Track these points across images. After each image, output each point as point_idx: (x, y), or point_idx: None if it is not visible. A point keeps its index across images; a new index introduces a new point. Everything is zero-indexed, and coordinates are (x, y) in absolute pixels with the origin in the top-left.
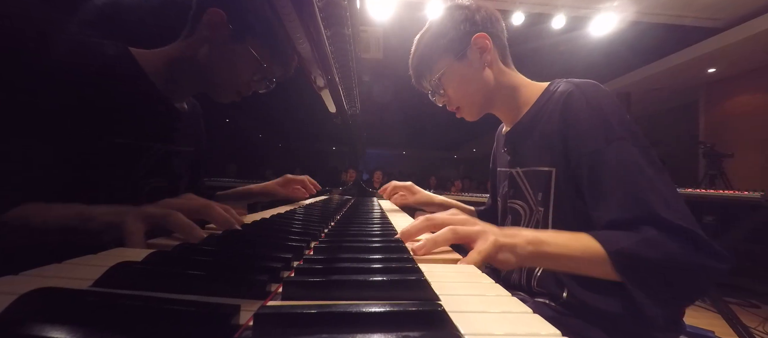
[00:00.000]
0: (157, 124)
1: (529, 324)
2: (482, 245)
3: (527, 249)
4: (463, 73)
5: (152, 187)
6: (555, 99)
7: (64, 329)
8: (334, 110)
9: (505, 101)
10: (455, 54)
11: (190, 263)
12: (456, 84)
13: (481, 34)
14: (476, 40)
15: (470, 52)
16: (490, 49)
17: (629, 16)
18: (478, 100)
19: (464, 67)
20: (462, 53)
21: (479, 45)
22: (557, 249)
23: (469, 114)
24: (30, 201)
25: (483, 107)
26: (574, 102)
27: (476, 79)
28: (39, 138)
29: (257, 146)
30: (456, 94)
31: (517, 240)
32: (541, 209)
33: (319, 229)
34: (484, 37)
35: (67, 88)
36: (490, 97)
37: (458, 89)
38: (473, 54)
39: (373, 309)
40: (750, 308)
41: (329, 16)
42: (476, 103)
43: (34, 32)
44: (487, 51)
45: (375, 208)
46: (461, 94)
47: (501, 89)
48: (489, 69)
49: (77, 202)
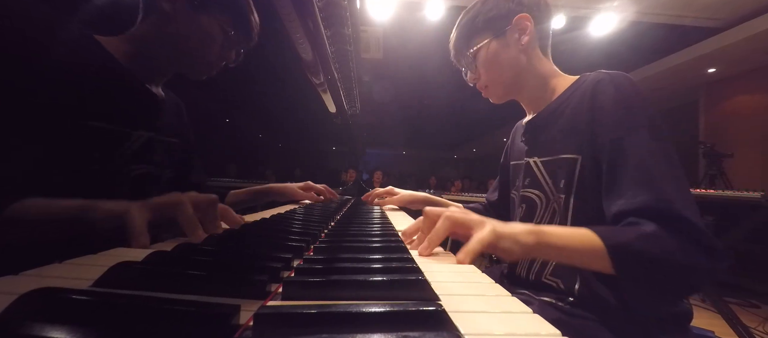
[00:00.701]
0: (133, 107)
1: (529, 324)
2: (481, 233)
3: (529, 239)
4: (497, 52)
5: (137, 174)
6: (584, 88)
7: (64, 329)
8: (334, 110)
9: (533, 89)
10: (494, 31)
11: (190, 263)
12: (489, 62)
13: (523, 15)
14: (518, 20)
15: (510, 31)
16: (529, 31)
17: (629, 16)
18: (508, 82)
19: (500, 46)
20: (501, 31)
21: (520, 26)
22: (558, 239)
23: (495, 94)
24: (11, 194)
25: (510, 90)
26: (603, 88)
27: (509, 60)
28: (13, 130)
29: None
30: (487, 72)
31: (517, 229)
32: (561, 196)
33: (319, 229)
34: (526, 19)
35: (34, 78)
36: (520, 81)
37: (490, 67)
38: (512, 34)
39: (373, 309)
40: (750, 308)
41: (329, 16)
42: (505, 85)
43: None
44: (526, 33)
45: (375, 208)
46: (492, 73)
47: (531, 76)
48: (524, 53)
49: (60, 192)
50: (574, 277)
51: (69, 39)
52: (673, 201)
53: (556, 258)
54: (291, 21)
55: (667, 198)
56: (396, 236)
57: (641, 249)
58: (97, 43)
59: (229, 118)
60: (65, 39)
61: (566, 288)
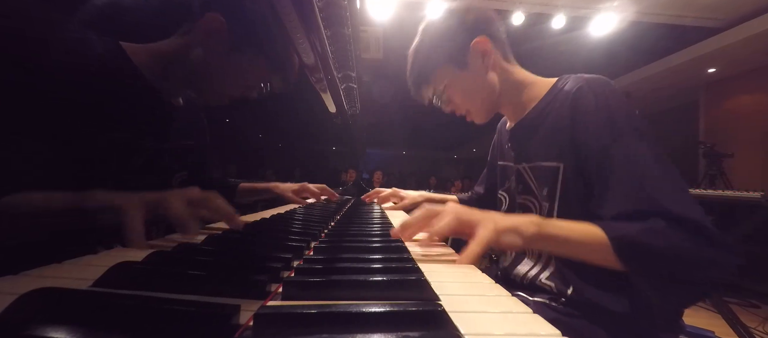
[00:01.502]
0: (149, 120)
1: (529, 324)
2: (483, 233)
3: (531, 229)
4: (467, 81)
5: (144, 184)
6: (563, 95)
7: (64, 329)
8: (334, 110)
9: (511, 99)
10: (457, 64)
11: (190, 263)
12: (462, 92)
13: (479, 39)
14: (476, 45)
15: (471, 58)
16: (491, 51)
17: (629, 16)
18: (487, 104)
19: (468, 75)
20: (463, 62)
21: (480, 49)
22: (561, 231)
23: (479, 118)
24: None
25: (492, 110)
26: (583, 98)
27: (482, 85)
28: (28, 134)
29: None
30: (463, 102)
31: (519, 220)
32: (545, 204)
33: (319, 229)
34: (483, 42)
35: (56, 85)
36: (498, 98)
37: (465, 97)
38: (475, 60)
39: (373, 309)
40: (750, 308)
41: (329, 16)
42: (485, 107)
43: (24, 29)
44: (488, 54)
45: (375, 208)
46: (469, 102)
47: (507, 88)
48: (492, 71)
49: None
50: (567, 284)
51: (93, 48)
52: (668, 202)
53: (557, 249)
54: (291, 21)
55: (662, 200)
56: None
57: (645, 241)
58: (121, 51)
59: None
60: (87, 43)
61: (559, 292)
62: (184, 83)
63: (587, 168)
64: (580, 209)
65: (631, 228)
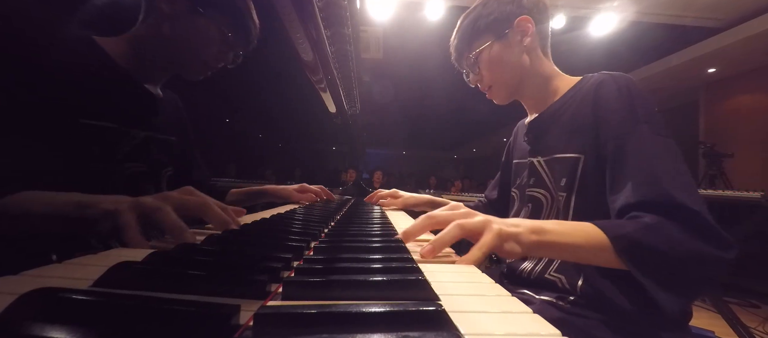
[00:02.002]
0: (130, 107)
1: (529, 324)
2: (486, 238)
3: (531, 238)
4: (500, 54)
5: (131, 172)
6: (587, 88)
7: (64, 329)
8: (334, 110)
9: (536, 89)
10: (496, 33)
11: (190, 263)
12: (492, 64)
13: (524, 17)
14: (519, 23)
15: (511, 33)
16: (531, 33)
17: (629, 16)
18: (512, 83)
19: (502, 48)
20: (502, 33)
21: (521, 28)
22: (560, 237)
23: (499, 96)
24: (6, 190)
25: (514, 91)
26: (606, 88)
27: (512, 62)
28: (10, 128)
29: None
30: (490, 73)
31: (520, 229)
32: (562, 195)
33: (319, 229)
34: (527, 20)
35: (31, 77)
36: (523, 82)
37: (493, 69)
38: (514, 36)
39: (373, 309)
40: (750, 308)
41: (329, 16)
42: (509, 86)
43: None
44: (527, 35)
45: (375, 208)
46: (495, 75)
47: (534, 76)
48: (526, 54)
49: (55, 189)
50: (578, 274)
51: (67, 39)
52: (673, 193)
53: (559, 255)
54: (291, 21)
55: (668, 190)
56: (396, 236)
57: (643, 239)
58: (95, 43)
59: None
60: (63, 39)
61: (570, 285)
62: (161, 63)
63: (605, 156)
64: (596, 199)
65: (629, 226)
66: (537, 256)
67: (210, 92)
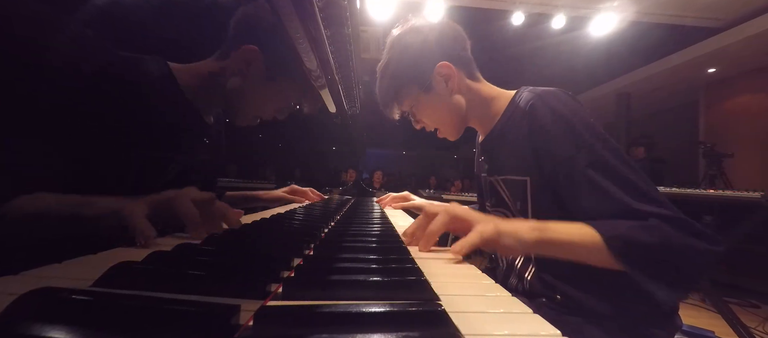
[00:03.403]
0: (186, 138)
1: (529, 324)
2: (483, 227)
3: (531, 235)
4: (432, 103)
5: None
6: (520, 109)
7: (64, 329)
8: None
9: (479, 114)
10: (420, 86)
11: (190, 263)
12: (428, 113)
13: (442, 64)
14: (439, 70)
15: (435, 82)
16: (454, 74)
17: (629, 16)
18: (455, 123)
19: (432, 98)
20: (427, 85)
21: (443, 74)
22: (559, 235)
23: (449, 135)
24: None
25: (460, 127)
26: (538, 113)
27: (447, 106)
28: (67, 144)
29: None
30: (431, 121)
31: (519, 226)
32: (520, 218)
33: (319, 229)
34: (445, 66)
35: (106, 101)
36: (465, 116)
37: (432, 117)
38: (439, 84)
39: (373, 309)
40: (750, 308)
41: (329, 16)
42: (453, 126)
43: (78, 46)
44: (452, 78)
45: (375, 208)
46: (436, 121)
47: (474, 106)
48: (457, 94)
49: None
50: (551, 289)
51: (146, 69)
52: (642, 204)
53: (558, 254)
54: (291, 21)
55: (637, 203)
56: (396, 236)
57: (637, 237)
58: (170, 73)
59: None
60: (141, 67)
61: (547, 298)
62: (218, 104)
63: (554, 180)
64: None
65: (622, 225)
66: (536, 253)
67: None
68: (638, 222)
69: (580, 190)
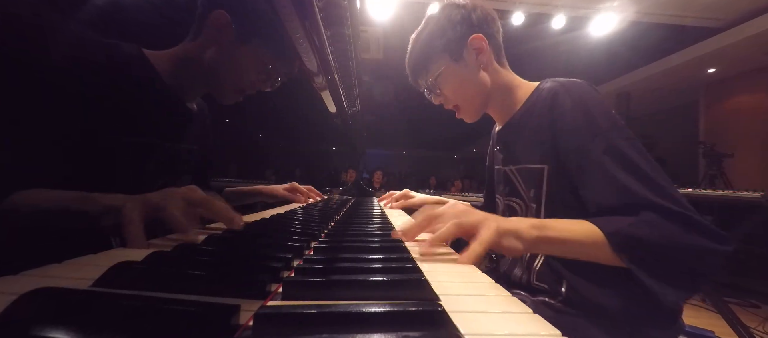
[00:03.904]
0: (169, 123)
1: (529, 324)
2: (485, 234)
3: (532, 233)
4: (460, 75)
5: (160, 185)
6: (543, 98)
7: (64, 329)
8: (334, 110)
9: (500, 101)
10: (452, 55)
11: (190, 263)
12: (453, 85)
13: (477, 35)
14: (473, 42)
15: (467, 53)
16: (486, 50)
17: (629, 16)
18: (477, 100)
19: (461, 69)
20: (458, 54)
21: (476, 46)
22: (560, 233)
23: (467, 115)
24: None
25: (481, 108)
26: (560, 100)
27: (473, 81)
28: (50, 134)
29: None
30: (453, 95)
31: (520, 224)
32: (533, 205)
33: (319, 229)
34: (480, 39)
35: (82, 87)
36: (487, 97)
37: (456, 90)
38: (470, 55)
39: (373, 309)
40: (750, 308)
41: (329, 16)
42: (474, 104)
43: (49, 33)
44: (483, 52)
45: (375, 208)
46: (459, 96)
47: (496, 89)
48: (485, 70)
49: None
50: (560, 282)
51: (120, 53)
52: (655, 196)
53: (559, 252)
54: (291, 21)
55: (649, 194)
56: (396, 236)
57: (640, 233)
58: (144, 57)
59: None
60: (114, 51)
61: (553, 292)
62: (200, 84)
63: (569, 168)
64: (565, 210)
65: (624, 221)
66: (537, 252)
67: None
68: (641, 219)
69: (592, 177)
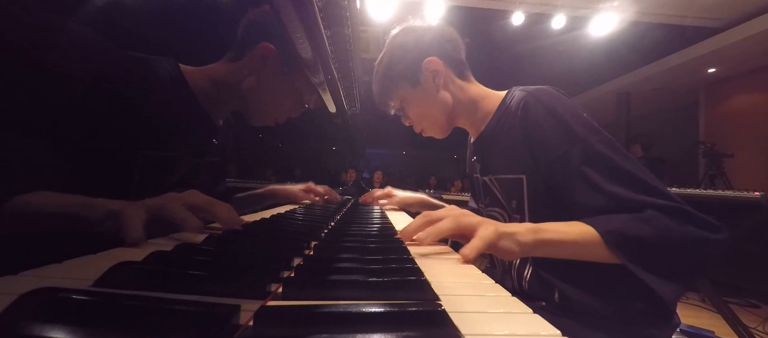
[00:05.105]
0: (195, 139)
1: (529, 324)
2: (484, 232)
3: (528, 237)
4: (420, 99)
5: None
6: (512, 108)
7: (64, 329)
8: (334, 110)
9: (467, 115)
10: (409, 81)
11: (190, 263)
12: (416, 109)
13: (430, 59)
14: (426, 65)
15: (422, 77)
16: (442, 71)
17: (629, 16)
18: (440, 120)
19: (419, 93)
20: (415, 80)
21: (430, 69)
22: (556, 235)
23: (435, 134)
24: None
25: (447, 126)
26: (531, 110)
27: (433, 102)
28: (72, 142)
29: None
30: (417, 118)
31: (517, 228)
32: (516, 216)
33: (319, 229)
34: (434, 61)
35: (116, 101)
36: (452, 114)
37: (419, 113)
38: (426, 79)
39: (373, 309)
40: (750, 308)
41: (329, 16)
42: (438, 124)
43: (86, 47)
44: (439, 74)
45: (375, 208)
46: (423, 118)
47: (461, 105)
48: (445, 90)
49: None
50: (552, 290)
51: (157, 69)
52: (644, 194)
53: (556, 254)
54: (291, 21)
55: (637, 194)
56: (396, 236)
57: (634, 230)
58: (181, 74)
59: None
60: (152, 67)
61: (546, 300)
62: (233, 105)
63: (551, 177)
64: (550, 218)
65: (619, 219)
66: (534, 255)
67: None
68: (635, 215)
69: (576, 186)
